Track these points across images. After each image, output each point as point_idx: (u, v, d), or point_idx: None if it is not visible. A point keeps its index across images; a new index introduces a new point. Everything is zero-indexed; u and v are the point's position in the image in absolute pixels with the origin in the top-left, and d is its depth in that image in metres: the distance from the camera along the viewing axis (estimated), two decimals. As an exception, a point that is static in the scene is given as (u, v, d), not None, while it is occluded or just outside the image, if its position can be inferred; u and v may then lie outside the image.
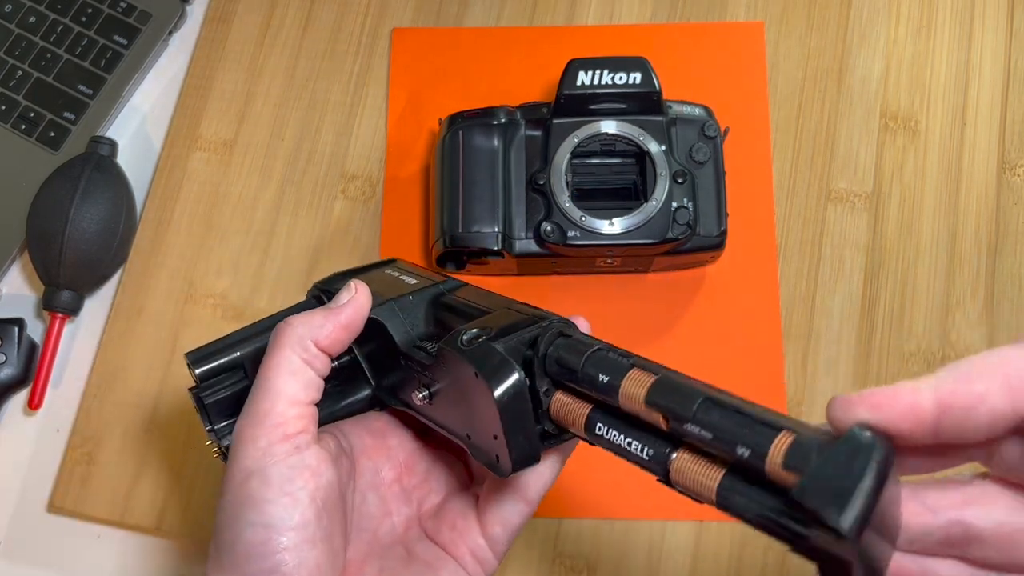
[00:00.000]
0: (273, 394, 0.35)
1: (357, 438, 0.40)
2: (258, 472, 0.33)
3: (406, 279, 0.42)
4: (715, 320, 0.58)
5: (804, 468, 0.24)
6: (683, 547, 0.55)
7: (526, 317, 0.35)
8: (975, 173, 0.61)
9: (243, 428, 0.35)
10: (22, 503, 0.58)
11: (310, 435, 0.35)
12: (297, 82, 0.65)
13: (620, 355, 0.32)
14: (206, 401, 0.40)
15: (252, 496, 0.33)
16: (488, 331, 0.34)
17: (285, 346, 0.36)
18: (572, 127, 0.55)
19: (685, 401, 0.28)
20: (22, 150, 0.64)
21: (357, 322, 0.38)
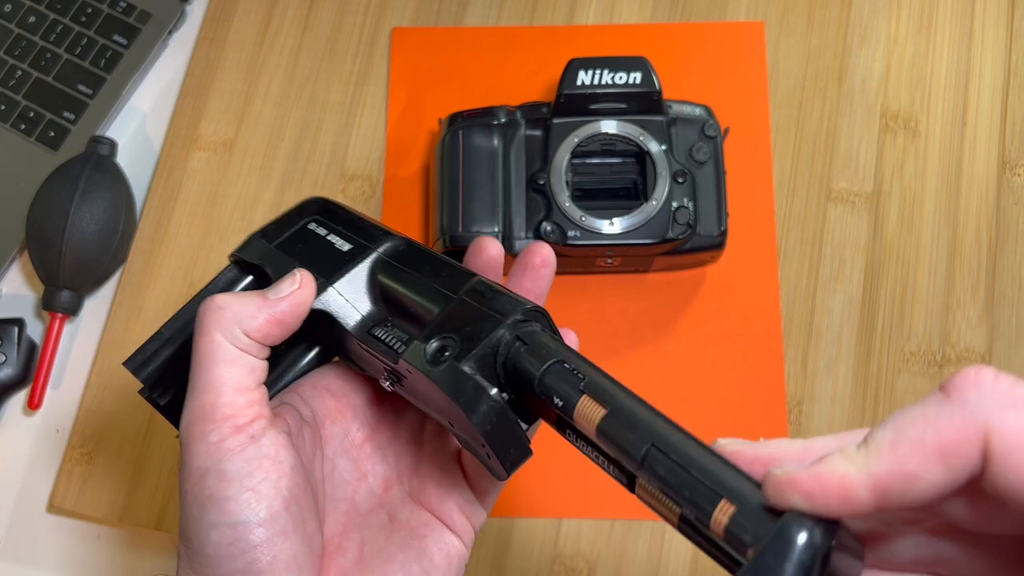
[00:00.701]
0: (214, 386, 0.32)
1: (318, 402, 0.37)
2: (214, 470, 0.31)
3: (335, 241, 0.38)
4: (715, 320, 0.58)
5: (743, 552, 0.25)
6: (683, 547, 0.55)
7: (485, 314, 0.33)
8: (975, 173, 0.61)
9: (190, 425, 0.32)
10: (22, 503, 0.58)
11: (264, 420, 0.33)
12: (297, 82, 0.65)
13: (575, 371, 0.31)
14: (161, 402, 0.38)
15: (212, 496, 0.31)
16: (451, 341, 0.32)
17: (214, 330, 0.33)
18: (572, 127, 0.55)
19: (633, 446, 0.28)
20: (22, 150, 0.64)
21: (295, 318, 0.34)
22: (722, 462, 0.26)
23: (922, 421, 0.22)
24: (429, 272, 0.35)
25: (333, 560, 0.35)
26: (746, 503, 0.25)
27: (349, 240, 0.38)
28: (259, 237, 0.39)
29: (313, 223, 0.39)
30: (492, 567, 0.55)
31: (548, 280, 0.39)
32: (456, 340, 0.32)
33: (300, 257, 0.37)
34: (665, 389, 0.57)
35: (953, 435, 0.22)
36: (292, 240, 0.38)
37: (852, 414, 0.57)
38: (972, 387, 0.22)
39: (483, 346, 0.32)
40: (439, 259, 0.36)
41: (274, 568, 0.31)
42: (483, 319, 0.32)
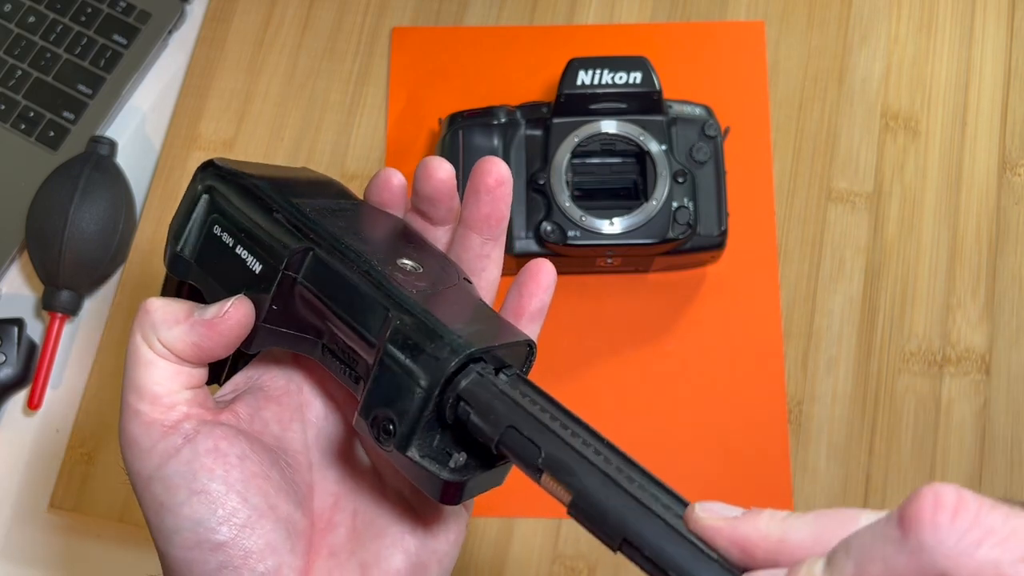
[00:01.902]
0: (136, 389, 0.31)
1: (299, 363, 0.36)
2: (156, 476, 0.30)
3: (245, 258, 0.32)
4: (715, 320, 0.58)
5: None
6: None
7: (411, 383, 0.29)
8: (976, 173, 0.60)
9: (120, 429, 0.31)
10: (22, 503, 0.58)
11: (195, 419, 0.31)
12: (296, 82, 0.65)
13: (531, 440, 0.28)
14: None
15: (164, 503, 0.30)
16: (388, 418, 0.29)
17: (136, 331, 0.31)
18: (572, 127, 0.55)
19: (605, 536, 0.27)
20: (22, 150, 0.64)
21: (221, 346, 0.31)
22: (698, 554, 0.26)
23: (881, 562, 0.22)
24: (346, 303, 0.31)
25: (324, 538, 0.33)
26: None
27: (258, 257, 0.32)
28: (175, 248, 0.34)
29: (217, 226, 0.33)
30: (492, 567, 0.55)
31: (506, 201, 0.35)
32: (392, 418, 0.29)
33: (220, 279, 0.32)
34: (665, 389, 0.57)
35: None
36: (206, 253, 0.33)
37: (852, 414, 0.57)
38: (928, 527, 0.21)
39: (421, 424, 0.29)
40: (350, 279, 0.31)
41: (248, 561, 0.30)
42: (411, 391, 0.28)
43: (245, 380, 0.35)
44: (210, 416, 0.32)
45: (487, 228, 0.36)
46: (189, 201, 0.34)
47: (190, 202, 0.34)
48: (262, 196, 0.33)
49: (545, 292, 0.36)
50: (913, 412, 0.56)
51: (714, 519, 0.26)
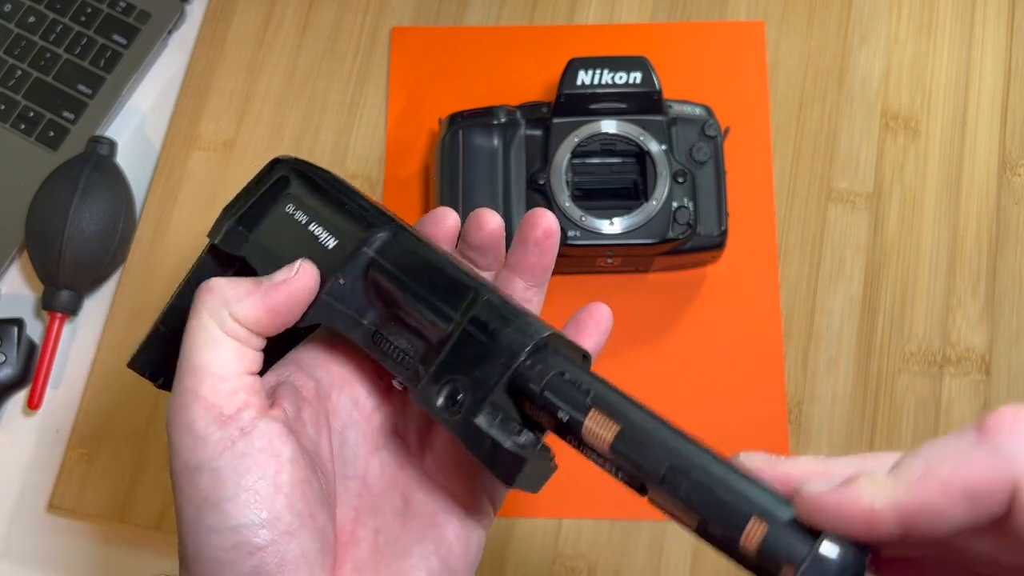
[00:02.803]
0: (197, 371, 0.30)
1: (322, 370, 0.35)
2: (205, 468, 0.29)
3: (319, 234, 0.34)
4: (715, 320, 0.58)
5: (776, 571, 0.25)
6: (683, 547, 0.55)
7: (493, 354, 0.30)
8: (976, 173, 0.61)
9: (173, 413, 0.30)
10: (22, 503, 0.58)
11: (253, 409, 0.30)
12: (296, 82, 0.65)
13: (577, 384, 0.30)
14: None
15: (207, 497, 0.29)
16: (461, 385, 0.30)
17: (202, 311, 0.31)
18: (572, 127, 0.55)
19: (651, 465, 0.28)
20: (21, 150, 0.64)
21: (290, 309, 0.32)
22: (745, 479, 0.26)
23: (953, 460, 0.22)
24: (426, 282, 0.33)
25: (347, 552, 0.33)
26: (776, 522, 0.25)
27: (333, 234, 0.34)
28: (235, 223, 0.35)
29: (290, 205, 0.35)
30: (492, 567, 0.55)
31: (553, 252, 0.36)
32: (466, 385, 0.30)
33: (284, 251, 0.34)
34: (665, 389, 0.57)
35: (982, 480, 0.22)
36: (272, 229, 0.35)
37: (852, 414, 0.57)
38: (1007, 433, 0.22)
39: (496, 393, 0.30)
40: (432, 262, 0.33)
41: (282, 569, 0.29)
42: (490, 359, 0.30)
43: (277, 378, 0.34)
44: (265, 409, 0.31)
45: (532, 276, 0.36)
46: (257, 183, 0.36)
47: (258, 183, 0.36)
48: (339, 186, 0.36)
49: (602, 334, 0.36)
50: (913, 412, 0.56)
51: (757, 461, 0.27)
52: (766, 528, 0.25)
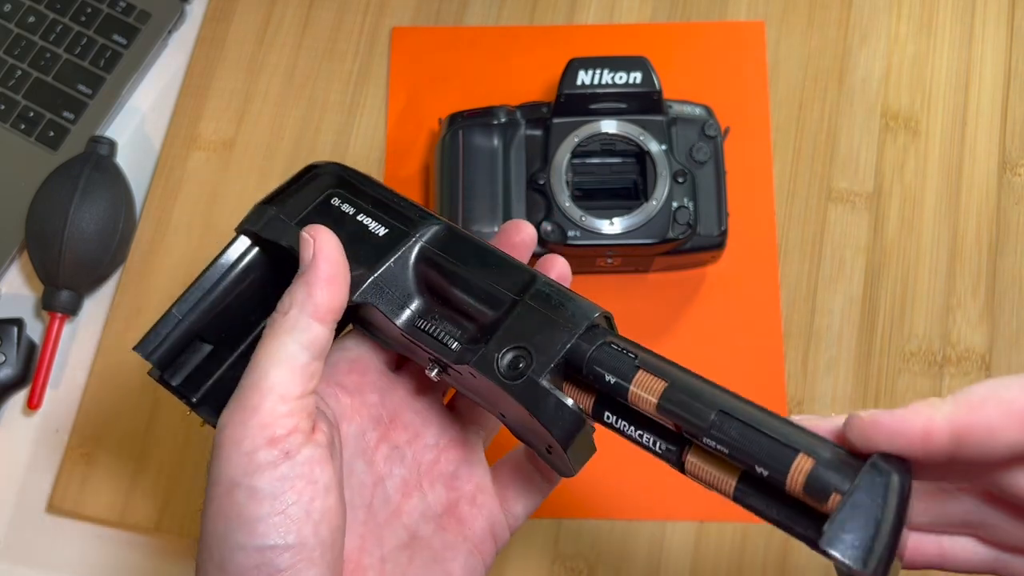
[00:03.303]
0: (262, 389, 0.31)
1: (333, 400, 0.36)
2: (245, 485, 0.30)
3: (368, 224, 0.36)
4: (715, 320, 0.58)
5: (824, 500, 0.25)
6: (683, 547, 0.55)
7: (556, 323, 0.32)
8: (976, 173, 0.60)
9: (226, 426, 0.31)
10: (22, 503, 0.58)
11: (301, 434, 0.31)
12: (296, 82, 0.65)
13: (623, 350, 0.31)
14: (173, 383, 0.37)
15: (241, 513, 0.29)
16: (525, 352, 0.31)
17: (282, 333, 0.32)
18: (572, 127, 0.55)
19: (699, 413, 0.29)
20: (21, 150, 0.64)
21: (336, 272, 0.33)
22: (790, 424, 0.27)
23: (1018, 387, 0.23)
24: (480, 267, 0.34)
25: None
26: (823, 456, 0.26)
27: (383, 223, 0.36)
28: (273, 210, 0.37)
29: (336, 198, 0.37)
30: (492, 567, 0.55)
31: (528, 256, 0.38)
32: (529, 352, 0.31)
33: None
34: (665, 389, 0.57)
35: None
36: (312, 218, 0.36)
37: (852, 414, 0.56)
38: None
39: (560, 358, 0.31)
40: (486, 250, 0.35)
41: None
42: (555, 328, 0.32)
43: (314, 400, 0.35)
44: (310, 434, 0.32)
45: None
46: (296, 180, 0.38)
47: (297, 180, 0.38)
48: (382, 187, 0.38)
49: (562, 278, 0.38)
50: (913, 412, 0.56)
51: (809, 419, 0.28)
52: (813, 462, 0.26)
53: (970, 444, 0.24)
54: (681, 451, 0.30)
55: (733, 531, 0.55)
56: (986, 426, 0.24)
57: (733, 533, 0.55)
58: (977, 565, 0.29)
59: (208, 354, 0.37)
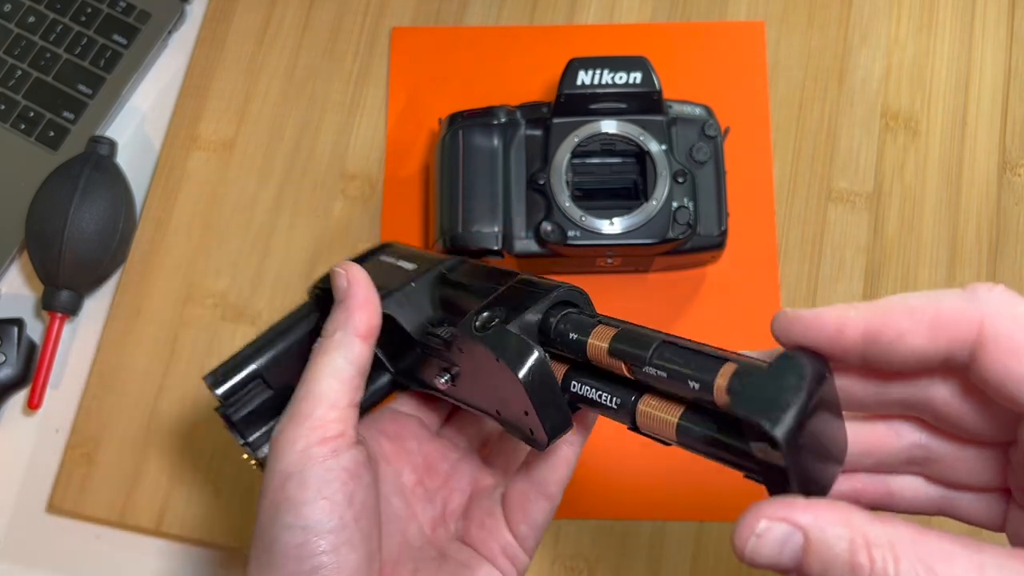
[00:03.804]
0: (314, 397, 0.35)
1: (376, 443, 0.40)
2: (296, 475, 0.34)
3: (404, 265, 0.42)
4: (715, 320, 0.58)
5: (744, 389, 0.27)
6: (683, 547, 0.55)
7: (529, 293, 0.35)
8: (976, 173, 0.61)
9: (282, 431, 0.35)
10: (22, 503, 0.58)
11: (348, 439, 0.35)
12: (296, 82, 0.65)
13: (590, 315, 0.35)
14: (234, 418, 0.41)
15: (289, 499, 0.33)
16: (499, 312, 0.35)
17: (330, 350, 0.36)
18: (572, 127, 0.55)
19: (642, 347, 0.31)
20: (21, 150, 0.64)
21: (368, 296, 0.38)
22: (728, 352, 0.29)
23: (927, 296, 0.25)
24: (483, 276, 0.39)
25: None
26: (746, 362, 0.27)
27: (414, 263, 0.42)
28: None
29: (387, 256, 0.44)
30: None
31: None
32: (503, 311, 0.35)
33: (374, 279, 0.40)
34: (665, 389, 0.57)
35: (950, 313, 0.24)
36: (359, 261, 0.43)
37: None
38: (985, 289, 0.24)
39: (528, 313, 0.34)
40: (493, 268, 0.40)
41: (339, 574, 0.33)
42: (527, 296, 0.35)
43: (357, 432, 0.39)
44: (355, 441, 0.36)
45: None
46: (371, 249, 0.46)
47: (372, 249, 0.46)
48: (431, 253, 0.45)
49: None
50: (913, 412, 0.56)
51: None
52: (735, 366, 0.27)
53: (879, 344, 0.25)
54: (633, 405, 0.31)
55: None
56: (894, 328, 0.25)
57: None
58: (925, 504, 0.30)
59: (267, 399, 0.41)
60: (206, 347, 0.59)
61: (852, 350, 0.26)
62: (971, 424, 0.27)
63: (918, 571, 0.22)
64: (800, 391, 0.25)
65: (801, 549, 0.23)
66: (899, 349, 0.25)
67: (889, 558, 0.22)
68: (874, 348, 0.25)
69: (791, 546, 0.23)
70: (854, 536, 0.23)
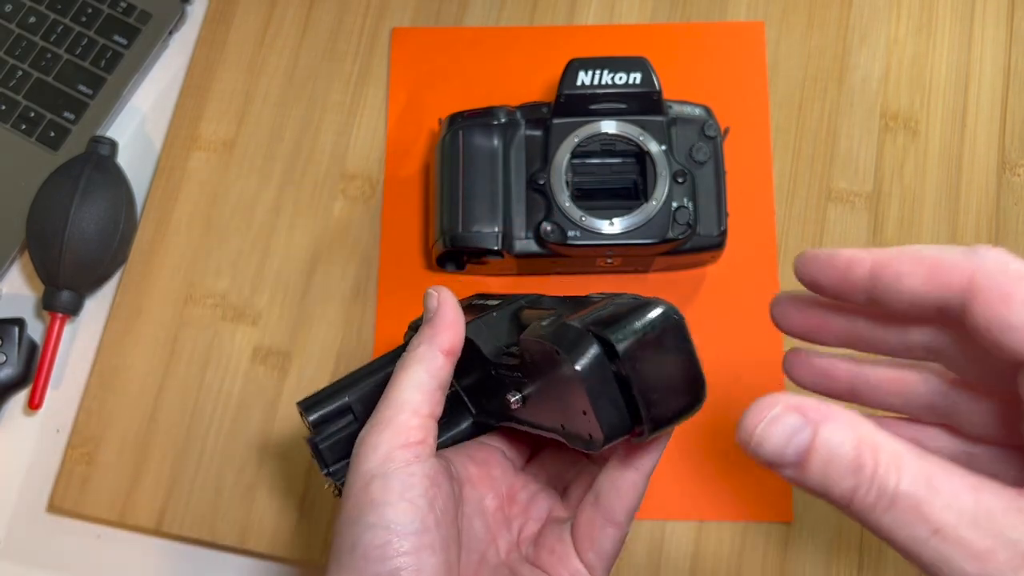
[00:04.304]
0: (397, 404, 0.36)
1: (463, 467, 0.41)
2: (379, 476, 0.34)
3: (489, 302, 0.44)
4: (715, 320, 0.58)
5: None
6: (683, 547, 0.55)
7: (597, 302, 0.36)
8: (975, 173, 0.61)
9: (366, 436, 0.36)
10: (22, 503, 0.58)
11: (429, 447, 0.36)
12: (297, 82, 0.65)
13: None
14: (321, 447, 0.42)
15: (373, 499, 0.34)
16: (562, 316, 0.35)
17: (413, 363, 0.38)
18: (572, 127, 0.55)
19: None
20: (22, 150, 0.64)
21: (456, 317, 0.39)
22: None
23: (936, 248, 0.26)
24: (559, 304, 0.40)
25: None
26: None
27: (498, 300, 0.44)
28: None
29: (476, 299, 0.46)
30: None
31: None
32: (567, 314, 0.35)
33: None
34: (665, 389, 0.57)
35: (947, 261, 0.25)
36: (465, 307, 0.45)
37: (852, 414, 0.56)
38: (986, 247, 0.25)
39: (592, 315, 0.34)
40: (573, 297, 0.41)
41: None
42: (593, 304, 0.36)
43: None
44: (434, 450, 0.37)
45: None
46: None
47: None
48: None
49: None
50: (913, 412, 0.56)
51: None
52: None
53: (881, 282, 0.27)
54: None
55: (733, 531, 0.55)
56: (896, 269, 0.26)
57: (733, 533, 0.55)
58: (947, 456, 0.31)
59: (352, 432, 0.41)
60: (206, 347, 0.59)
61: (859, 286, 0.27)
62: (978, 375, 0.28)
63: (918, 481, 0.23)
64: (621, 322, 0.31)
65: (807, 444, 0.24)
66: (899, 289, 0.26)
67: (893, 465, 0.23)
68: (878, 286, 0.27)
69: (798, 440, 0.24)
70: (862, 439, 0.23)
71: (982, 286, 0.25)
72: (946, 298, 0.25)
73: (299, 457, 0.57)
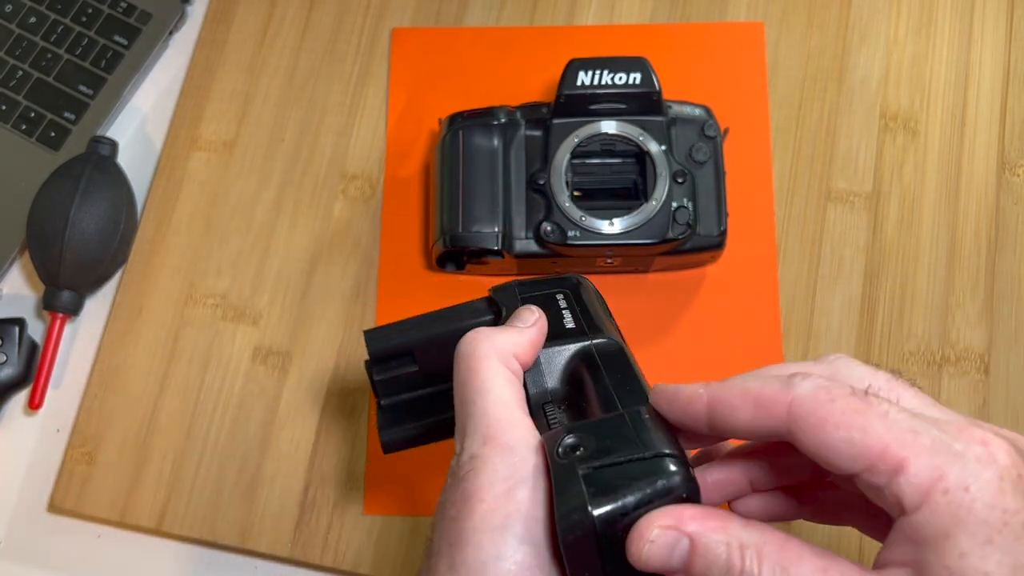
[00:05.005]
0: (501, 403, 0.33)
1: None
2: (525, 481, 0.30)
3: (565, 316, 0.40)
4: (715, 320, 0.58)
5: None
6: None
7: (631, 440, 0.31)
8: (975, 173, 0.61)
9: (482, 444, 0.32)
10: (22, 503, 0.58)
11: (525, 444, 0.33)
12: (297, 82, 0.65)
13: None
14: (375, 378, 0.42)
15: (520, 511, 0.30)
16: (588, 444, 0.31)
17: (492, 356, 0.34)
18: (572, 127, 0.55)
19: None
20: (22, 150, 0.64)
21: (540, 344, 0.37)
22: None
23: (761, 381, 0.29)
24: (619, 379, 0.37)
25: None
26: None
27: (576, 321, 0.40)
28: (516, 285, 0.43)
29: (561, 295, 0.42)
30: None
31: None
32: (592, 447, 0.31)
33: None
34: (665, 389, 0.57)
35: (768, 395, 0.28)
36: (536, 299, 0.42)
37: (852, 414, 0.57)
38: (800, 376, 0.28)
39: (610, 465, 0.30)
40: (633, 371, 0.38)
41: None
42: (627, 443, 0.31)
43: None
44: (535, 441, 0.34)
45: None
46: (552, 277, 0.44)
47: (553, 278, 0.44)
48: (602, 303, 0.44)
49: None
50: (912, 412, 0.56)
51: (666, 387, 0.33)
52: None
53: (719, 416, 0.29)
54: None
55: (733, 531, 0.55)
56: (728, 405, 0.29)
57: (733, 533, 0.55)
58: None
59: (410, 373, 0.42)
60: (207, 347, 0.59)
61: (701, 419, 0.30)
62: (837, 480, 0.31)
63: (775, 571, 0.26)
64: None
65: (688, 552, 0.27)
66: (732, 423, 0.29)
67: (755, 559, 0.26)
68: (716, 421, 0.30)
69: (679, 550, 0.27)
70: (731, 540, 0.27)
71: (798, 415, 0.27)
72: (774, 427, 0.28)
73: (300, 457, 0.57)
